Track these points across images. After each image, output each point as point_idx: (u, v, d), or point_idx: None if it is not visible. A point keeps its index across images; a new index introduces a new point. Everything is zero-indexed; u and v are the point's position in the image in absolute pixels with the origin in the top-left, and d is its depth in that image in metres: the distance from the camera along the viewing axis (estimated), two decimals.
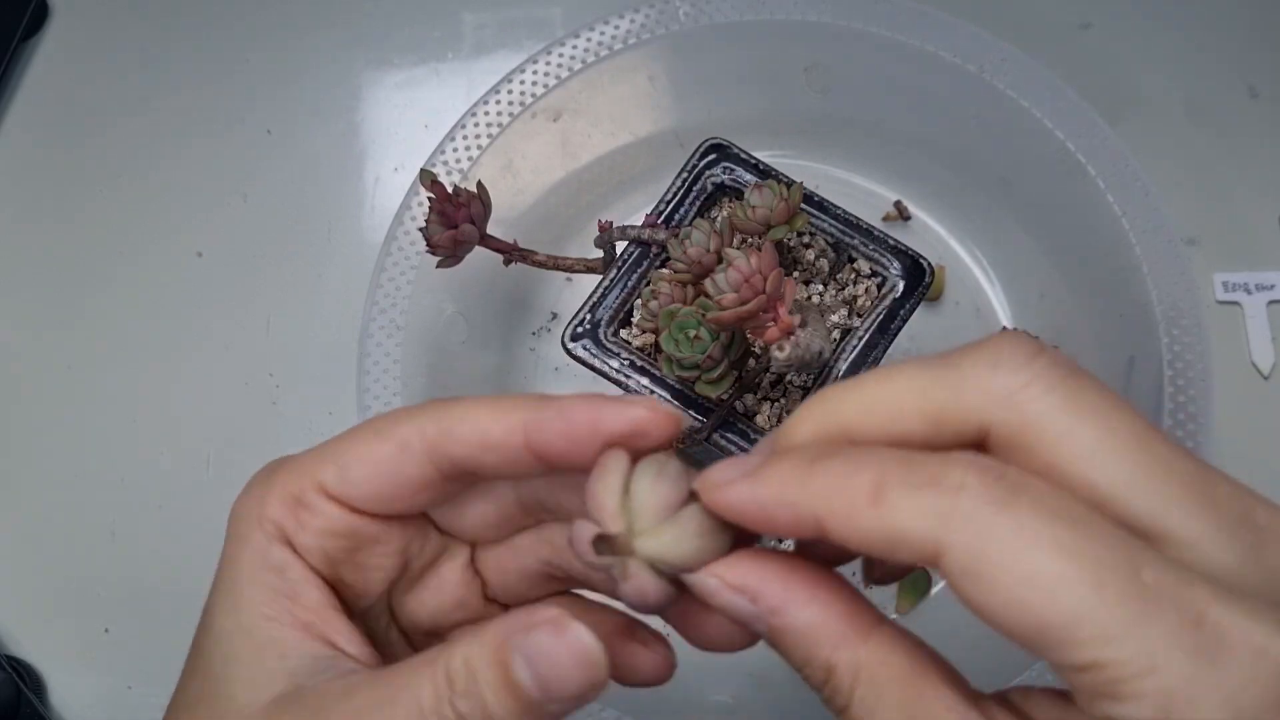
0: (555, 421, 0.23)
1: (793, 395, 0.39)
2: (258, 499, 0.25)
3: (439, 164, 0.49)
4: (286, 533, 0.24)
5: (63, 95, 0.61)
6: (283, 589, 0.24)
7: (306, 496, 0.24)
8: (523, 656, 0.21)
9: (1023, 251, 0.54)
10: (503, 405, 0.24)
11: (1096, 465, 0.20)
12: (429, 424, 0.24)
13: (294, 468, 0.25)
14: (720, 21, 0.51)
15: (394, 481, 0.24)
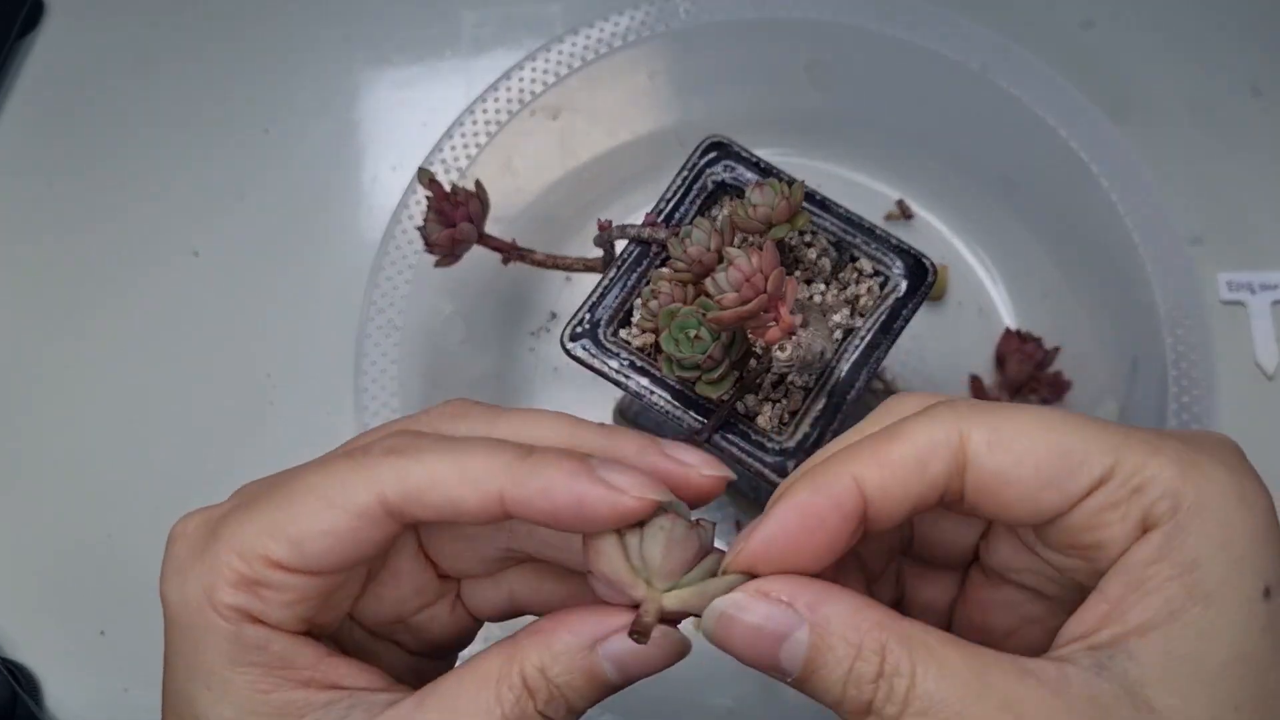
0: (540, 502, 0.22)
1: (794, 396, 0.39)
2: (200, 585, 0.23)
3: (437, 162, 0.49)
4: (253, 614, 0.23)
5: (58, 93, 0.61)
6: (271, 663, 0.23)
7: (261, 575, 0.22)
8: (612, 662, 0.22)
9: (1026, 251, 0.54)
10: (474, 470, 0.22)
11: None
12: (389, 488, 0.22)
13: (233, 545, 0.23)
14: (721, 19, 0.51)
15: (357, 549, 0.23)
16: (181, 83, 0.61)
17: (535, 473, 0.22)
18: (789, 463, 0.37)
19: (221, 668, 0.23)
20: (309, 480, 0.23)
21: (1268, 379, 0.53)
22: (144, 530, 0.53)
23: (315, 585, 0.23)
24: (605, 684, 0.22)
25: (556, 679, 0.22)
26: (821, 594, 0.21)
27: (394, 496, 0.22)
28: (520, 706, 0.22)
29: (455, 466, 0.22)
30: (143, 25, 0.62)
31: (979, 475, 0.21)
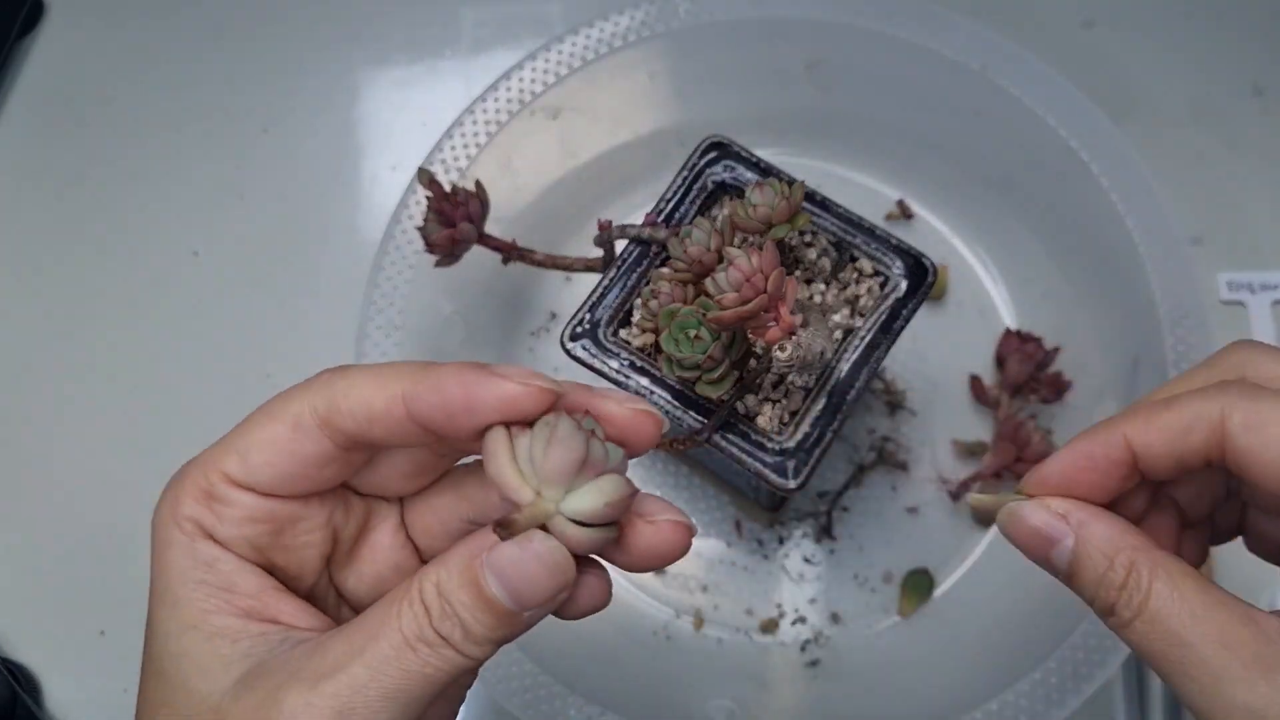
0: (431, 395, 0.23)
1: (794, 396, 0.39)
2: (171, 501, 0.25)
3: (437, 162, 0.49)
4: (206, 527, 0.24)
5: (58, 93, 0.61)
6: (217, 582, 0.24)
7: (216, 489, 0.24)
8: (493, 572, 0.23)
9: (1026, 251, 0.54)
10: (385, 376, 0.24)
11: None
12: (318, 398, 0.24)
13: (199, 463, 0.25)
14: (721, 18, 0.51)
15: (294, 461, 0.24)
16: (181, 83, 0.61)
17: (432, 373, 0.23)
18: (789, 463, 0.37)
19: (174, 582, 0.24)
20: (262, 407, 0.25)
21: None
22: (144, 530, 0.53)
23: (263, 507, 0.24)
24: (492, 603, 0.22)
25: (448, 593, 0.23)
26: (1091, 515, 0.25)
27: (321, 405, 0.24)
28: (417, 623, 0.22)
29: (367, 376, 0.24)
30: (142, 26, 0.62)
31: (1234, 450, 0.24)
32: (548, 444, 0.22)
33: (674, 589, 0.49)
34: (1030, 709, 0.41)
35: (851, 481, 0.51)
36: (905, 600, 0.49)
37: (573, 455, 0.22)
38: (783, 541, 0.50)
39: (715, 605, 0.49)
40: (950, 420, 0.52)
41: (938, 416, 0.52)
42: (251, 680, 0.23)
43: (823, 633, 0.48)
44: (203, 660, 0.23)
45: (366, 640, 0.22)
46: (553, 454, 0.22)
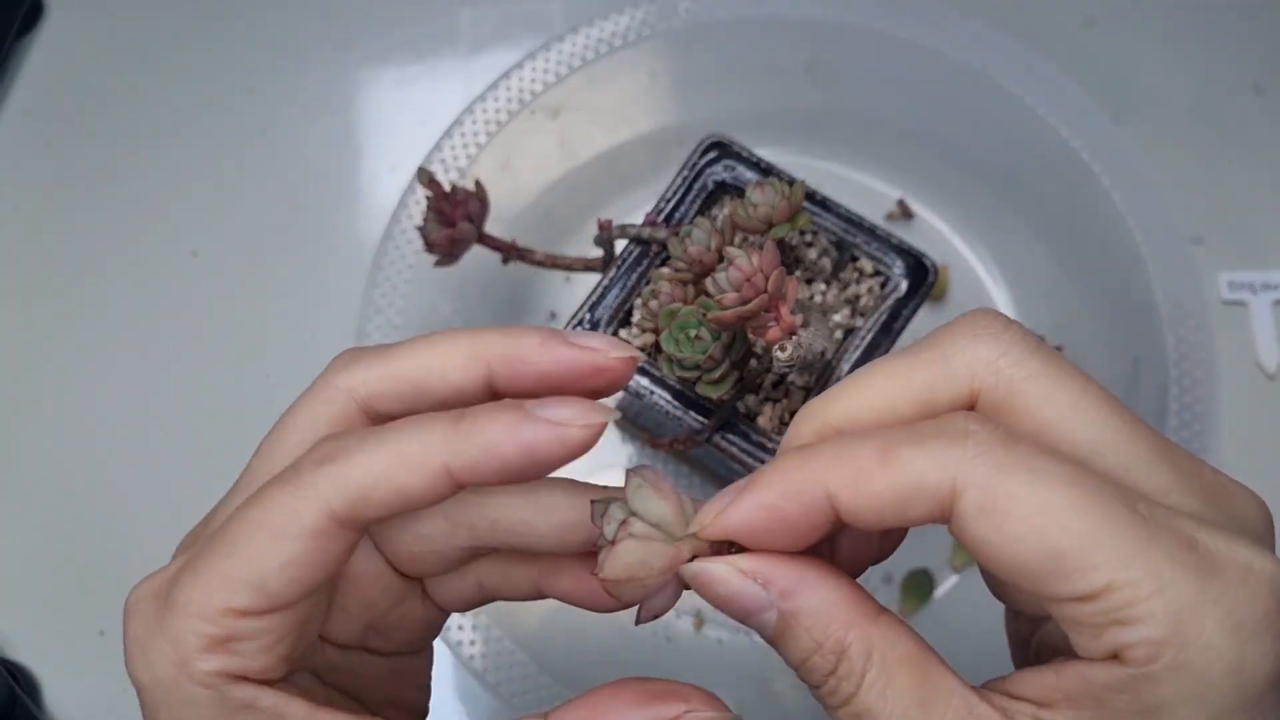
0: (486, 462, 0.21)
1: (795, 396, 0.39)
2: (169, 661, 0.21)
3: (436, 162, 0.49)
4: (233, 671, 0.22)
5: (57, 93, 0.61)
6: (264, 718, 0.22)
7: (232, 630, 0.21)
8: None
9: (1027, 250, 0.54)
10: (412, 453, 0.21)
11: (1075, 425, 0.21)
12: (334, 501, 0.21)
13: (191, 608, 0.21)
14: (721, 17, 0.51)
15: (320, 569, 0.22)
16: (179, 83, 0.60)
17: (473, 435, 0.21)
18: None
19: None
20: (249, 518, 0.21)
21: (1269, 379, 0.53)
22: (143, 530, 0.53)
23: (288, 619, 0.22)
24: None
25: None
26: (798, 582, 0.21)
27: (341, 508, 0.21)
28: None
29: (392, 456, 0.21)
30: (141, 26, 0.62)
31: (963, 532, 0.20)
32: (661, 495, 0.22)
33: None
34: None
35: None
36: (905, 601, 0.49)
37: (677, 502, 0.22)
38: None
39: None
40: None
41: None
42: None
43: None
44: None
45: None
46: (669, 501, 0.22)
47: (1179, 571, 0.19)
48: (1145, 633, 0.19)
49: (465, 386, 0.23)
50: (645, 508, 0.21)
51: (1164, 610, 0.19)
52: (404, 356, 0.23)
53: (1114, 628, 0.19)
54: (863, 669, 0.21)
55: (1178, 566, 0.19)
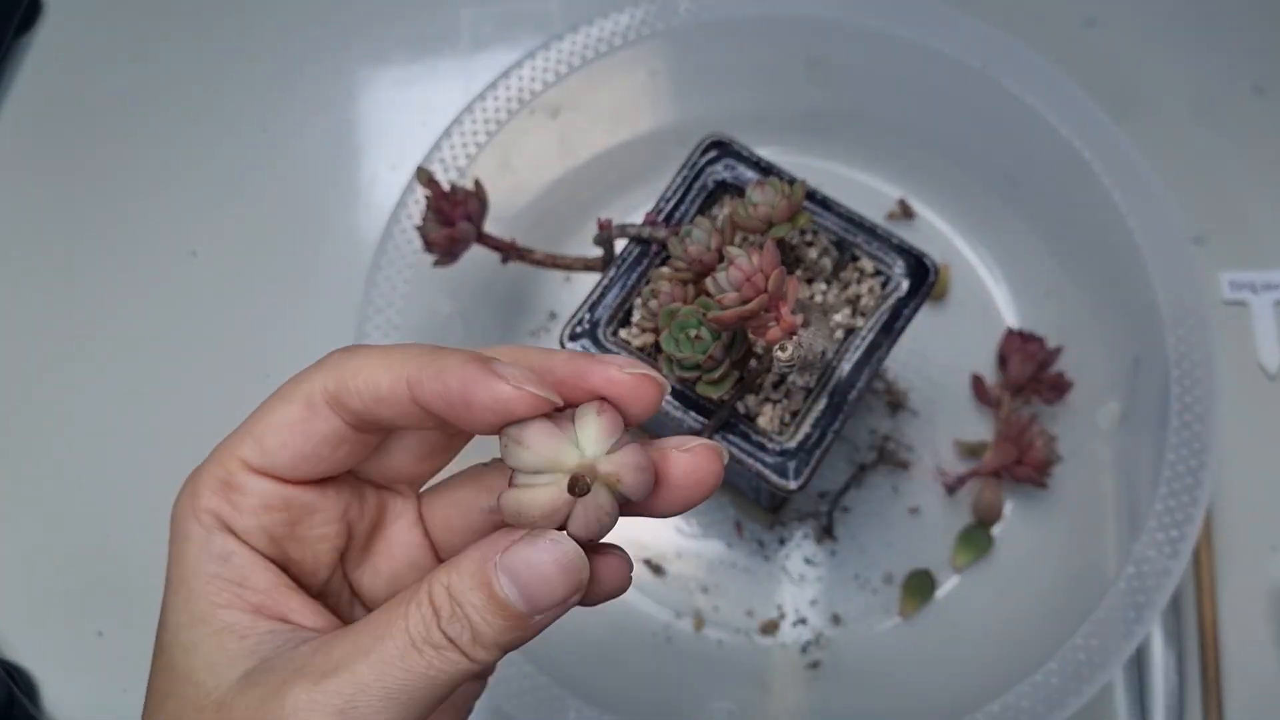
0: (433, 383, 0.23)
1: (795, 396, 0.39)
2: (190, 493, 0.25)
3: (436, 162, 0.49)
4: (224, 519, 0.25)
5: (55, 93, 0.60)
6: (230, 575, 0.24)
7: (234, 477, 0.25)
8: (506, 574, 0.22)
9: (1028, 250, 0.53)
10: (393, 358, 0.24)
11: None
12: (328, 378, 0.24)
13: (217, 453, 0.25)
14: (721, 16, 0.51)
15: (308, 441, 0.24)
16: (178, 81, 0.60)
17: (438, 362, 0.23)
18: (790, 463, 0.37)
19: (188, 574, 0.24)
20: (277, 390, 0.25)
21: (1270, 379, 0.53)
22: (142, 531, 0.53)
23: (279, 493, 0.25)
24: (504, 605, 0.22)
25: (459, 595, 0.23)
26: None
27: (331, 384, 0.24)
28: (425, 625, 0.22)
29: (379, 357, 0.24)
30: (140, 24, 0.62)
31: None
32: (577, 420, 0.23)
33: (674, 590, 0.49)
34: (1031, 710, 0.41)
35: (853, 482, 0.50)
36: (906, 601, 0.49)
37: (606, 431, 0.23)
38: (783, 542, 0.50)
39: (715, 606, 0.49)
40: (952, 420, 0.51)
41: (939, 416, 0.52)
42: (256, 676, 0.23)
43: (823, 634, 0.48)
44: (210, 654, 0.24)
45: (373, 640, 0.22)
46: (588, 428, 0.23)
47: None
48: None
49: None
50: (514, 460, 0.23)
51: None
52: (359, 351, 0.26)
53: None
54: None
55: None
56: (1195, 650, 0.48)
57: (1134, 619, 0.42)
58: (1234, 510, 0.50)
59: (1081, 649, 0.42)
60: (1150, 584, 0.42)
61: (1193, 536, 0.43)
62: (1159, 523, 0.43)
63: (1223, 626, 0.48)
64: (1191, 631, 0.48)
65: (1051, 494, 0.49)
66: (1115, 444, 0.49)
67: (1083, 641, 0.42)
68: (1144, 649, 0.47)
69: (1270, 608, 0.49)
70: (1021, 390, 0.50)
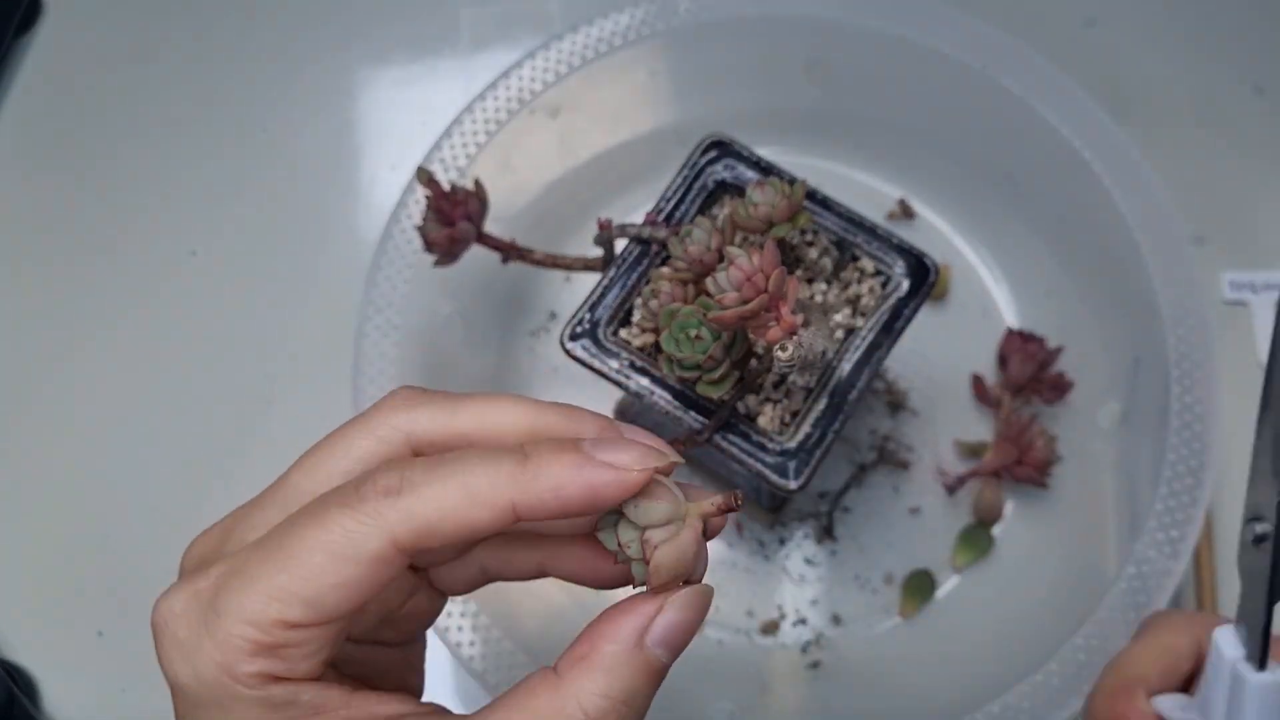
0: (551, 501, 0.22)
1: (796, 396, 0.39)
2: (214, 662, 0.22)
3: (436, 162, 0.49)
4: (276, 673, 0.22)
5: (55, 93, 0.60)
6: (304, 713, 0.23)
7: (281, 639, 0.22)
8: (663, 647, 0.23)
9: (1028, 250, 0.54)
10: (480, 489, 0.22)
11: None
12: (400, 531, 0.22)
13: (242, 615, 0.22)
14: (721, 16, 0.51)
15: (371, 590, 0.22)
16: (179, 82, 0.60)
17: (541, 474, 0.22)
18: (790, 463, 0.37)
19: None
20: (308, 536, 0.22)
21: None
22: (142, 531, 0.53)
23: (332, 630, 0.23)
24: (661, 670, 0.23)
25: (621, 694, 0.22)
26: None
27: (406, 538, 0.22)
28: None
29: (460, 492, 0.22)
30: (140, 24, 0.62)
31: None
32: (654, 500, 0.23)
33: None
34: (1032, 710, 0.41)
35: (853, 482, 0.50)
36: (907, 601, 0.49)
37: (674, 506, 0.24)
38: (784, 542, 0.50)
39: (715, 607, 0.49)
40: (952, 420, 0.51)
41: (940, 416, 0.52)
42: None
43: (824, 634, 0.48)
44: None
45: None
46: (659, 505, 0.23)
47: None
48: None
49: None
50: (650, 518, 0.23)
51: None
52: (464, 412, 0.25)
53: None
54: None
55: None
56: None
57: (1134, 619, 0.42)
58: (1234, 510, 0.50)
59: (1082, 649, 0.42)
60: (1151, 584, 0.42)
61: (1193, 536, 0.43)
62: (1159, 523, 0.43)
63: None
64: None
65: (1052, 494, 0.49)
66: (1116, 444, 0.49)
67: (1083, 641, 0.42)
68: None
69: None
70: (1022, 390, 0.50)
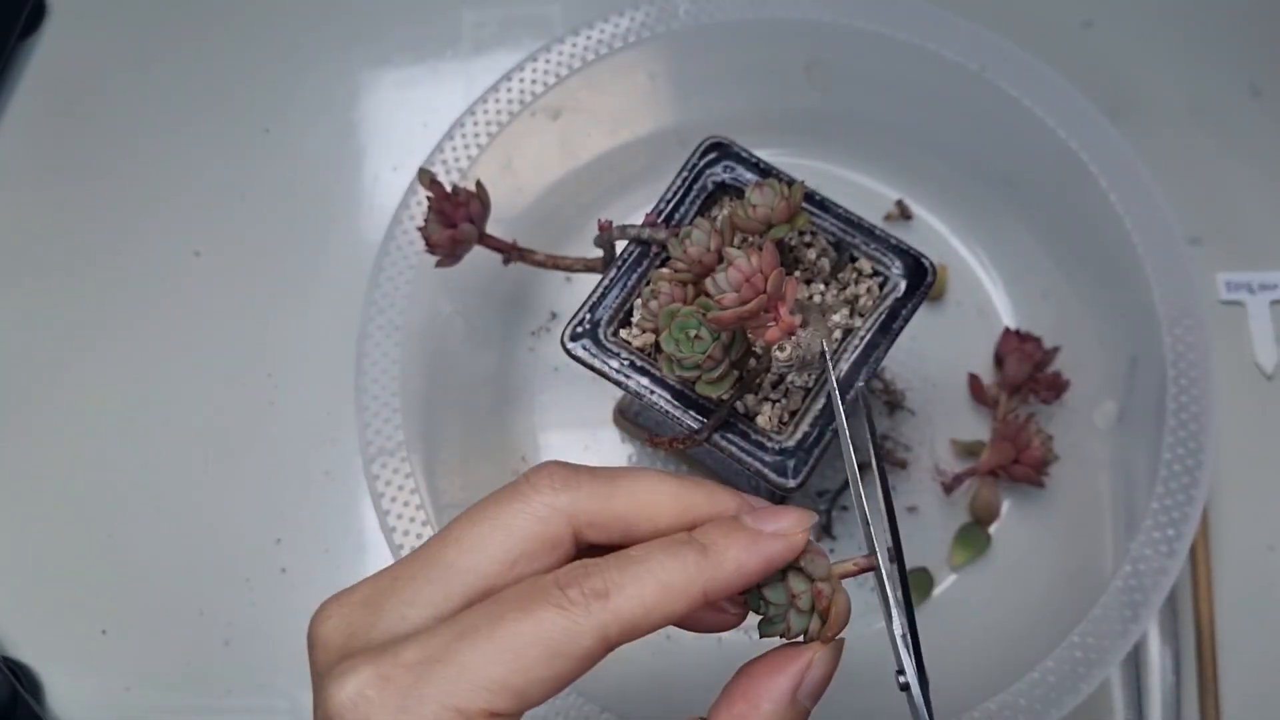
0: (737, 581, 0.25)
1: (794, 395, 0.39)
2: None
3: (438, 163, 0.49)
4: None
5: (60, 96, 0.61)
6: None
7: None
8: (811, 698, 0.26)
9: (1025, 251, 0.54)
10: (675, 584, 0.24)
11: None
12: (612, 630, 0.23)
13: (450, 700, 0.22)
14: (721, 19, 0.51)
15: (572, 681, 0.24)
16: (182, 84, 0.61)
17: (724, 561, 0.24)
18: (788, 462, 0.37)
19: None
20: (524, 633, 0.23)
21: (1266, 379, 0.53)
22: (145, 530, 0.53)
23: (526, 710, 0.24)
24: (806, 715, 0.25)
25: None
26: None
27: (616, 635, 0.24)
28: None
29: (659, 589, 0.24)
30: (144, 27, 0.62)
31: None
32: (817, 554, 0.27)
33: None
34: (1029, 708, 0.41)
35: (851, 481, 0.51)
36: None
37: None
38: None
39: None
40: (949, 420, 0.52)
41: (937, 416, 0.52)
42: None
43: None
44: None
45: None
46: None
47: None
48: None
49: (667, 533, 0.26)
50: (819, 571, 0.27)
51: None
52: (620, 494, 0.26)
53: None
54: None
55: None
56: (1192, 648, 0.48)
57: (1131, 617, 0.42)
58: (1231, 509, 0.51)
59: (1079, 647, 0.42)
60: (1147, 583, 0.42)
61: (1189, 535, 0.43)
62: (1155, 521, 0.43)
63: (1219, 624, 0.49)
64: (1188, 630, 0.49)
65: (1048, 493, 0.50)
66: (1112, 443, 0.49)
67: (1080, 640, 0.42)
68: (1141, 647, 0.48)
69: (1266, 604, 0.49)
70: (1019, 390, 0.51)
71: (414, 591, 0.24)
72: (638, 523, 0.26)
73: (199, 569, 0.51)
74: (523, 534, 0.25)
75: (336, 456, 0.52)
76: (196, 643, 0.50)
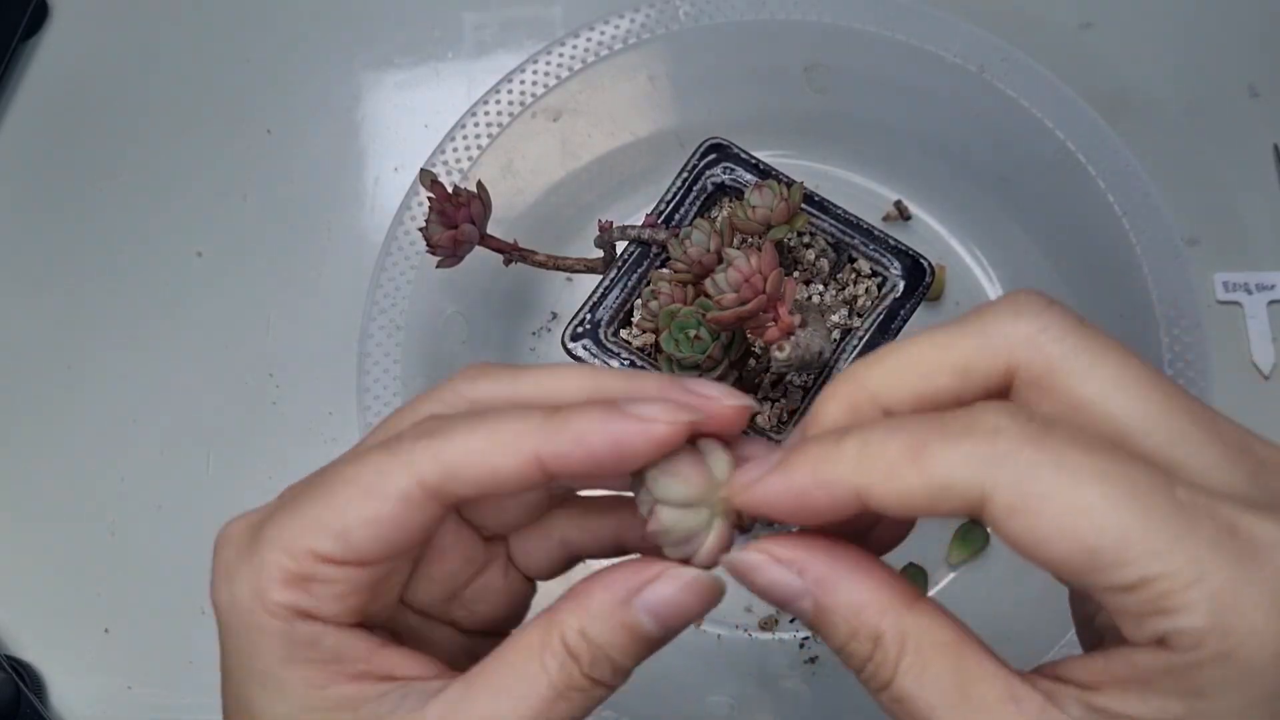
0: (574, 451, 0.22)
1: (793, 395, 0.39)
2: (249, 587, 0.23)
3: (439, 164, 0.49)
4: (303, 609, 0.23)
5: (62, 95, 0.61)
6: (324, 657, 0.23)
7: (311, 571, 0.22)
8: (648, 613, 0.22)
9: (1023, 251, 0.54)
10: (506, 436, 0.22)
11: (1115, 402, 0.21)
12: (426, 470, 0.22)
13: (279, 543, 0.23)
14: (720, 21, 0.51)
15: (403, 533, 0.23)
16: (184, 85, 0.61)
17: (566, 425, 0.22)
18: None
19: (275, 666, 0.23)
20: (346, 472, 0.23)
21: (1264, 379, 0.53)
22: (147, 529, 0.54)
23: (364, 575, 0.23)
24: (645, 638, 0.22)
25: (597, 639, 0.22)
26: (832, 570, 0.22)
27: (432, 477, 0.22)
28: (566, 672, 0.22)
29: (487, 437, 0.22)
30: (146, 28, 0.62)
31: (995, 528, 0.20)
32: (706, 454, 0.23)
33: None
34: None
35: None
36: None
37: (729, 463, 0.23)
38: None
39: None
40: None
41: None
42: None
43: None
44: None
45: (515, 696, 0.22)
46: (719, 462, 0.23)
47: (1219, 558, 0.18)
48: (1187, 621, 0.18)
49: None
50: (667, 493, 0.23)
51: (1205, 599, 0.18)
52: (526, 380, 0.25)
53: (1156, 616, 0.19)
54: (898, 655, 0.21)
55: (1218, 553, 0.19)
56: None
57: None
58: None
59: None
60: None
61: None
62: None
63: None
64: None
65: None
66: None
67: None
68: None
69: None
70: None
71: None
72: (544, 402, 0.24)
73: (201, 568, 0.51)
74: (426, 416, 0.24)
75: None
76: (199, 641, 0.50)
